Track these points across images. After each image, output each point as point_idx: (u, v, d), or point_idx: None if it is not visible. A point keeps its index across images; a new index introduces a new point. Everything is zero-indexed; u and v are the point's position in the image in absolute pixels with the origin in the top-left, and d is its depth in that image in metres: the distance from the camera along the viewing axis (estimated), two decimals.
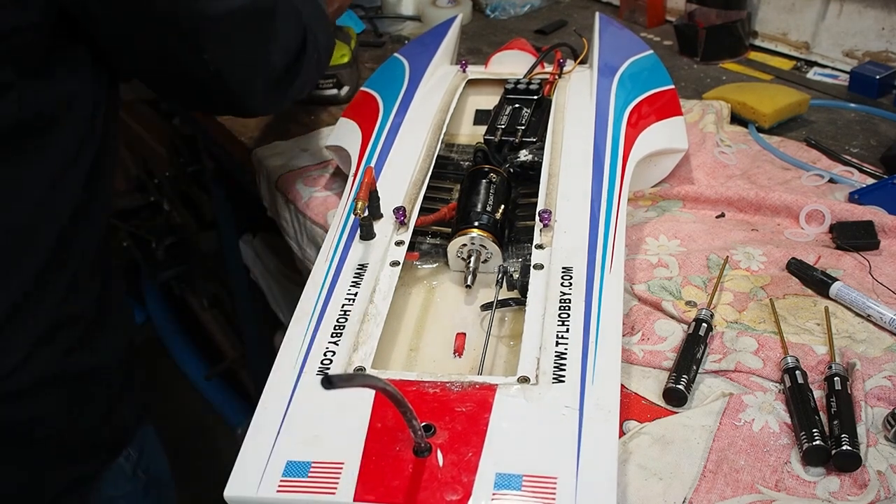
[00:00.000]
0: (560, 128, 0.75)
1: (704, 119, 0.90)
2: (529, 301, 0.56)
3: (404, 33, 1.30)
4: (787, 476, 0.49)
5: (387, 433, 0.46)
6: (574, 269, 0.58)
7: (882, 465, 0.49)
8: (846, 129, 0.92)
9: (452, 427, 0.46)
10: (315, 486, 0.44)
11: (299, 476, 0.44)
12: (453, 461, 0.44)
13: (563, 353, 0.51)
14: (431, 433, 0.46)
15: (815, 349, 0.58)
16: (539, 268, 0.59)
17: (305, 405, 0.49)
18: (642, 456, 0.51)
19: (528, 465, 0.44)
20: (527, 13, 1.38)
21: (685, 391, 0.54)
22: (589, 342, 0.52)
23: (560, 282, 0.57)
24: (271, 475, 0.45)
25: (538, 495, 0.42)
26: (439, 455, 0.45)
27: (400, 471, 0.44)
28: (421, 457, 0.44)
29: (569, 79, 0.86)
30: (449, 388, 0.49)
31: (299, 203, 0.82)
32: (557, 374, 0.49)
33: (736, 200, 0.76)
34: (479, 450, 0.45)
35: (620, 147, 0.72)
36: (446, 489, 0.43)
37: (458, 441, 0.45)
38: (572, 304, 0.55)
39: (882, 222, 0.70)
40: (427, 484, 0.43)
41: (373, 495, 0.43)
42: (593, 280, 0.57)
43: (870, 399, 0.53)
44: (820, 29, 1.07)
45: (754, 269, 0.67)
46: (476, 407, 0.47)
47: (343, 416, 0.48)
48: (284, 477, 0.44)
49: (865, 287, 0.64)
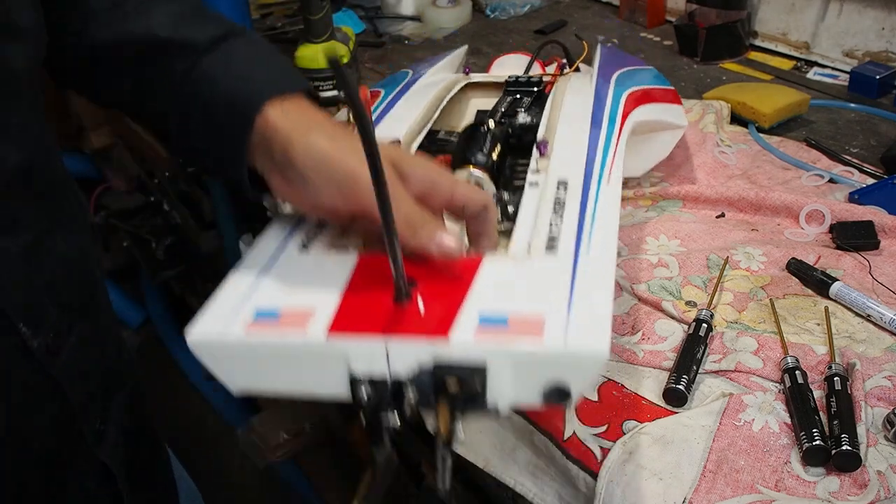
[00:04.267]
0: (559, 102, 0.74)
1: (704, 119, 0.90)
2: (523, 206, 0.53)
3: (404, 33, 1.30)
4: (787, 476, 0.49)
5: (365, 297, 0.43)
6: (569, 181, 0.55)
7: (882, 465, 0.49)
8: (846, 129, 0.92)
9: (436, 282, 0.44)
10: (285, 328, 0.42)
11: (269, 319, 0.42)
12: (434, 307, 0.42)
13: (555, 237, 0.48)
14: (413, 285, 0.43)
15: (815, 349, 0.58)
16: (534, 185, 0.56)
17: (285, 269, 0.47)
18: (642, 456, 0.51)
19: (514, 306, 0.41)
20: (527, 13, 1.38)
21: (685, 391, 0.54)
22: (584, 229, 0.49)
23: (555, 191, 0.54)
24: (240, 320, 0.42)
25: (525, 330, 0.39)
26: (420, 302, 0.42)
27: (378, 313, 0.42)
28: (400, 302, 0.42)
29: (568, 78, 0.86)
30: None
31: None
32: (550, 247, 0.47)
33: (736, 200, 0.76)
34: (462, 296, 0.42)
35: (620, 108, 0.70)
36: (427, 325, 0.40)
37: (441, 291, 0.43)
38: (566, 205, 0.52)
39: (882, 222, 0.70)
40: (407, 322, 0.41)
41: (347, 330, 0.41)
42: (589, 188, 0.54)
43: (870, 399, 0.53)
44: (820, 29, 1.07)
45: (754, 269, 0.67)
46: (463, 269, 0.45)
47: (322, 280, 0.45)
48: (254, 322, 0.42)
49: (865, 287, 0.64)
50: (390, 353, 0.40)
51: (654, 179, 0.83)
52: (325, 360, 0.41)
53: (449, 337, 0.39)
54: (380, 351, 0.40)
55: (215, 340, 0.42)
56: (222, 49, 0.53)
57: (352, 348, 0.41)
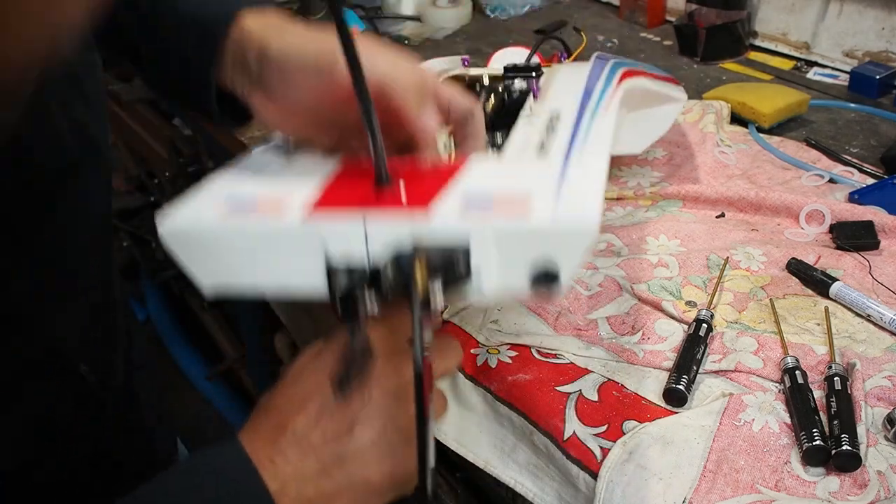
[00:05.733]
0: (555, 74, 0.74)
1: (704, 119, 0.90)
2: (513, 132, 0.52)
3: (404, 33, 1.30)
4: (787, 476, 0.49)
5: (345, 185, 0.42)
6: (562, 112, 0.53)
7: (882, 465, 0.49)
8: (846, 129, 0.92)
9: (420, 171, 0.43)
10: (261, 213, 0.40)
11: (245, 206, 0.41)
12: (416, 190, 0.40)
13: (546, 144, 0.47)
14: (395, 174, 0.41)
15: (815, 349, 0.58)
16: (526, 118, 0.55)
17: (266, 168, 0.46)
18: (642, 456, 0.51)
19: (499, 187, 0.39)
20: (527, 13, 1.38)
21: (685, 391, 0.54)
22: (575, 143, 0.47)
23: (548, 120, 0.52)
24: (214, 209, 0.41)
25: (510, 209, 0.38)
26: (402, 186, 0.40)
27: (357, 196, 0.40)
28: (381, 185, 0.40)
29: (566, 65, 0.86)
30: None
31: None
32: (541, 152, 0.46)
33: (736, 200, 0.76)
34: (445, 181, 0.40)
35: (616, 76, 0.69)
36: (408, 204, 0.39)
37: (425, 176, 0.41)
38: (559, 127, 0.50)
39: (882, 222, 0.70)
40: (387, 202, 0.39)
41: (324, 209, 0.39)
42: (583, 117, 0.52)
43: (870, 399, 0.53)
44: (820, 29, 1.07)
45: (754, 269, 0.67)
46: (449, 166, 0.43)
47: (303, 175, 0.44)
48: (230, 210, 0.41)
49: (865, 287, 0.64)
50: (368, 232, 0.39)
51: (654, 179, 0.83)
52: (301, 246, 0.40)
53: (429, 213, 0.38)
54: (357, 232, 0.39)
55: (188, 228, 0.41)
56: None
57: (328, 230, 0.39)
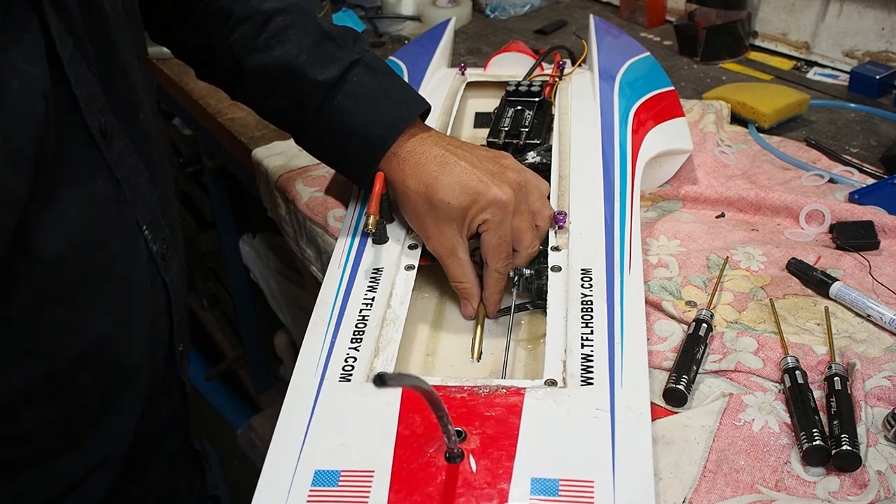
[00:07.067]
0: (566, 130, 0.75)
1: (704, 119, 0.90)
2: (550, 303, 0.55)
3: (404, 33, 1.30)
4: (787, 476, 0.49)
5: (415, 439, 0.45)
6: (593, 270, 0.58)
7: (882, 465, 0.49)
8: (846, 129, 0.92)
9: (483, 432, 0.45)
10: (346, 496, 0.43)
11: (329, 486, 0.43)
12: (487, 467, 0.43)
13: (590, 356, 0.50)
14: (462, 438, 0.45)
15: (815, 349, 0.58)
16: (557, 270, 0.59)
17: (330, 412, 0.48)
18: None
19: (563, 470, 0.43)
20: (527, 13, 1.38)
21: (685, 391, 0.54)
22: (615, 344, 0.51)
23: (580, 283, 0.57)
24: (300, 486, 0.43)
25: (576, 499, 0.41)
26: (472, 460, 0.44)
27: (433, 477, 0.43)
28: (454, 463, 0.43)
29: (569, 80, 0.86)
30: (476, 392, 0.48)
31: (299, 203, 0.82)
32: (585, 376, 0.49)
33: (736, 200, 0.76)
34: (511, 454, 0.44)
35: (629, 149, 0.72)
36: (482, 496, 0.42)
37: (491, 446, 0.45)
38: (594, 305, 0.55)
39: (882, 222, 0.70)
40: (462, 491, 0.42)
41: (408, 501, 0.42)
42: (613, 282, 0.57)
43: (870, 399, 0.53)
44: (820, 29, 1.07)
45: (754, 269, 0.67)
46: (505, 411, 0.47)
47: (369, 424, 0.47)
48: (314, 487, 0.43)
49: (865, 287, 0.64)
50: None
51: None
52: None
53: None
54: None
55: None
56: (349, 82, 0.64)
57: None
